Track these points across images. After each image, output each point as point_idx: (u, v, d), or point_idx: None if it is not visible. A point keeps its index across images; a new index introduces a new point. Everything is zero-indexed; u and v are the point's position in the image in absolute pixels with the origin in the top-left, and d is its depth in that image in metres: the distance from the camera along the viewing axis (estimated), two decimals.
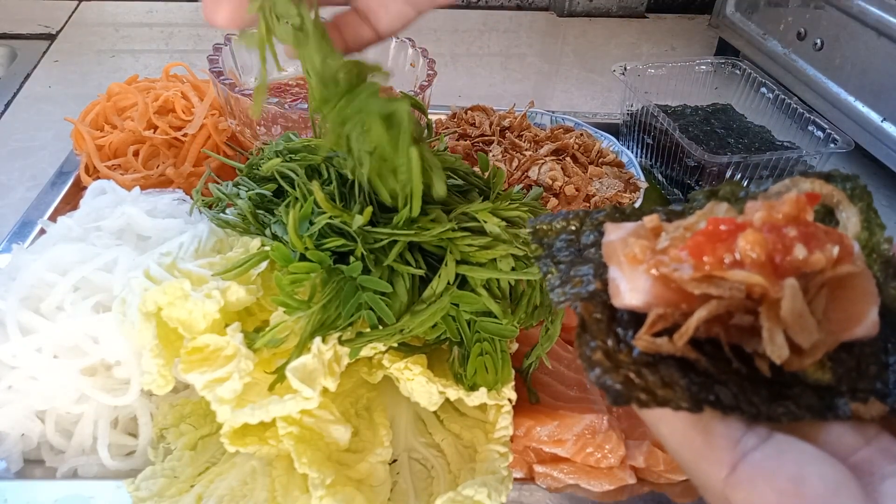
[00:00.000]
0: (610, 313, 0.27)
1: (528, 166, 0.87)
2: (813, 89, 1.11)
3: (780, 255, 0.24)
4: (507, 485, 0.49)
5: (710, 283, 0.24)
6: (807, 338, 0.24)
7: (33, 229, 0.79)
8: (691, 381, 0.25)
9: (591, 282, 0.28)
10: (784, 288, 0.24)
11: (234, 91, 0.75)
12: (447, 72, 1.34)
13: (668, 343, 0.25)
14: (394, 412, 0.57)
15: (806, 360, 0.25)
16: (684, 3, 1.71)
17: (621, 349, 0.26)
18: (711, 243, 0.25)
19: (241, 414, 0.46)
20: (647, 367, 0.25)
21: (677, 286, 0.25)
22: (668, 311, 0.25)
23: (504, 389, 0.53)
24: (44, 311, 0.55)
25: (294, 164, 0.57)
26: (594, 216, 0.31)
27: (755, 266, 0.24)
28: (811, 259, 0.24)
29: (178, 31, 1.44)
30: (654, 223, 0.28)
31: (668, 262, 0.25)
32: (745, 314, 0.25)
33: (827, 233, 0.25)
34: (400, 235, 0.49)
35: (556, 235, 0.31)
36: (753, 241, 0.24)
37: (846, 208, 0.29)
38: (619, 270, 0.27)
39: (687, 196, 0.32)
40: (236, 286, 0.51)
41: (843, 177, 0.30)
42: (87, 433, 0.55)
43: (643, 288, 0.25)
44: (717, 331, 0.25)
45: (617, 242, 0.27)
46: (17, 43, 1.33)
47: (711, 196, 0.31)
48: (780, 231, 0.24)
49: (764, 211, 0.25)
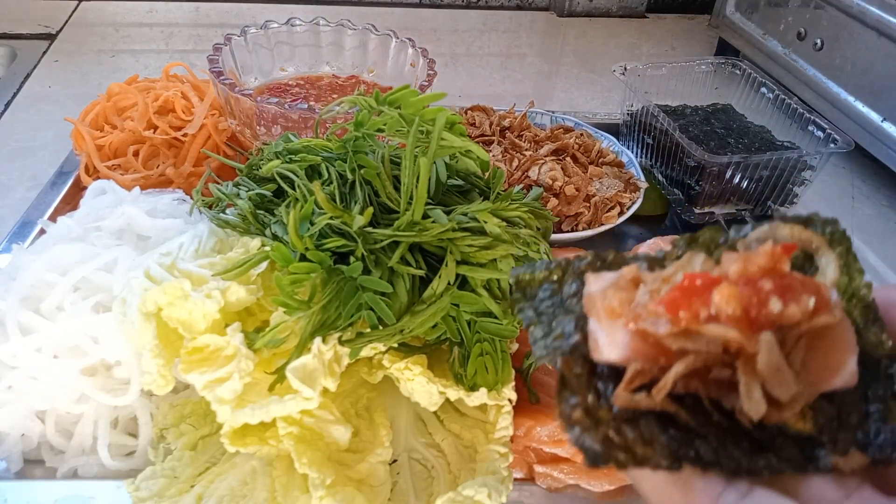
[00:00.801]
0: (590, 367, 0.27)
1: (528, 166, 0.87)
2: (813, 89, 1.11)
3: (756, 309, 0.24)
4: (508, 485, 0.49)
5: (686, 337, 0.24)
6: (785, 391, 0.24)
7: (33, 229, 0.78)
8: (671, 436, 0.25)
9: (573, 335, 0.28)
10: (760, 342, 0.24)
11: (234, 91, 0.75)
12: (447, 72, 1.34)
13: (647, 398, 0.25)
14: (394, 412, 0.57)
15: (785, 413, 0.25)
16: (684, 3, 1.71)
17: (601, 405, 0.26)
18: (687, 298, 0.25)
19: (241, 414, 0.46)
20: (627, 423, 0.25)
21: (655, 340, 0.25)
22: (646, 367, 0.25)
23: (504, 389, 0.53)
24: (44, 311, 0.55)
25: (294, 165, 0.57)
26: (576, 265, 0.31)
27: (731, 320, 0.24)
28: (787, 312, 0.24)
29: (178, 31, 1.44)
30: (633, 274, 0.28)
31: (645, 316, 0.25)
32: (723, 368, 0.25)
33: (803, 283, 0.25)
34: (401, 236, 0.49)
35: (539, 285, 0.31)
36: (728, 296, 0.24)
37: (825, 254, 0.29)
38: (599, 324, 0.27)
39: (671, 240, 0.32)
40: (236, 286, 0.51)
41: (822, 221, 0.30)
42: (87, 433, 0.55)
43: (621, 342, 0.25)
44: (696, 385, 0.25)
45: (597, 295, 0.27)
46: (17, 43, 1.33)
47: (692, 243, 0.31)
48: (756, 284, 0.24)
49: (739, 263, 0.25)
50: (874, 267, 0.90)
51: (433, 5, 1.66)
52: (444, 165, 0.56)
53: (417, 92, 0.53)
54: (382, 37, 0.94)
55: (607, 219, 0.85)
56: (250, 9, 1.55)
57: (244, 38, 0.89)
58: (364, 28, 0.94)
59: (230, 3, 1.57)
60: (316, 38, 0.95)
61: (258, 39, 0.90)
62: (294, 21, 0.93)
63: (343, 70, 0.97)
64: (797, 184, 0.91)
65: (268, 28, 0.91)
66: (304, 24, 0.93)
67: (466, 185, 0.59)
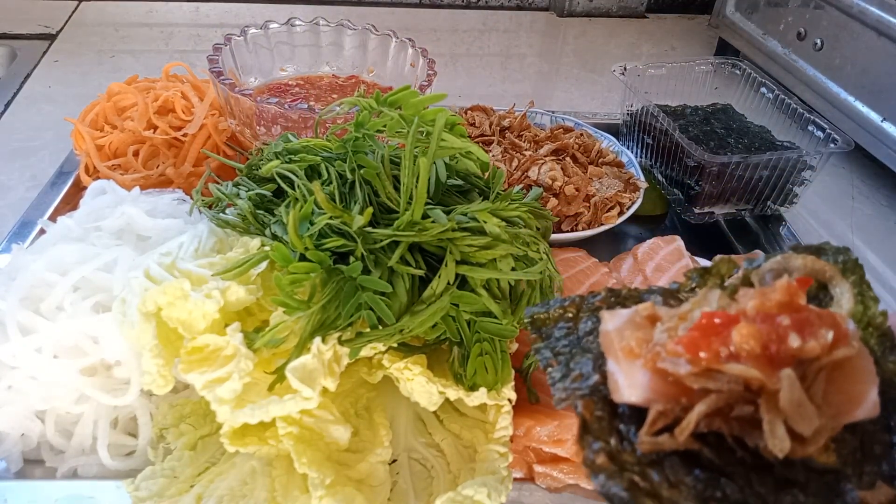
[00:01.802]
0: (611, 409, 0.27)
1: (527, 166, 0.87)
2: (813, 89, 1.11)
3: (775, 346, 0.24)
4: (507, 485, 0.49)
5: (707, 377, 0.24)
6: (808, 426, 0.24)
7: (33, 229, 0.78)
8: (696, 477, 0.25)
9: (591, 375, 0.28)
10: (781, 379, 0.24)
11: (234, 91, 0.75)
12: (447, 72, 1.34)
13: (671, 439, 0.25)
14: (394, 412, 0.57)
15: (809, 448, 0.25)
16: (684, 3, 1.71)
17: (625, 448, 0.26)
18: (706, 338, 0.25)
19: (241, 414, 0.46)
20: (651, 465, 0.25)
21: (676, 380, 0.25)
22: (668, 408, 0.25)
23: (504, 389, 0.53)
24: (44, 311, 0.55)
25: (294, 165, 0.57)
26: (590, 301, 0.31)
27: (751, 358, 0.24)
28: (806, 347, 0.24)
29: (178, 31, 1.44)
30: (648, 311, 0.28)
31: (664, 356, 0.25)
32: (745, 405, 0.25)
33: (820, 316, 0.25)
34: (401, 236, 0.49)
35: (554, 324, 0.31)
36: (747, 335, 0.24)
37: (839, 284, 0.29)
38: (617, 364, 0.26)
39: (685, 272, 0.31)
40: (236, 286, 0.51)
41: (834, 250, 0.30)
42: (87, 433, 0.55)
43: (641, 384, 0.25)
44: (719, 423, 0.25)
45: (613, 333, 0.27)
46: (17, 43, 1.33)
47: (705, 275, 0.30)
48: (774, 320, 0.25)
49: (756, 299, 0.25)
50: (874, 267, 0.90)
51: (433, 5, 1.66)
52: (443, 165, 0.56)
53: (418, 93, 0.53)
54: (382, 37, 0.94)
55: (607, 219, 0.85)
56: (250, 9, 1.55)
57: (244, 38, 0.89)
58: (364, 28, 0.94)
59: (230, 3, 1.57)
60: (316, 38, 0.95)
61: (258, 39, 0.90)
62: (294, 21, 0.93)
63: (343, 70, 0.97)
64: (797, 184, 0.91)
65: (268, 28, 0.91)
66: (304, 24, 0.93)
67: (466, 185, 0.59)
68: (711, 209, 0.92)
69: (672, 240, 0.80)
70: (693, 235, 0.93)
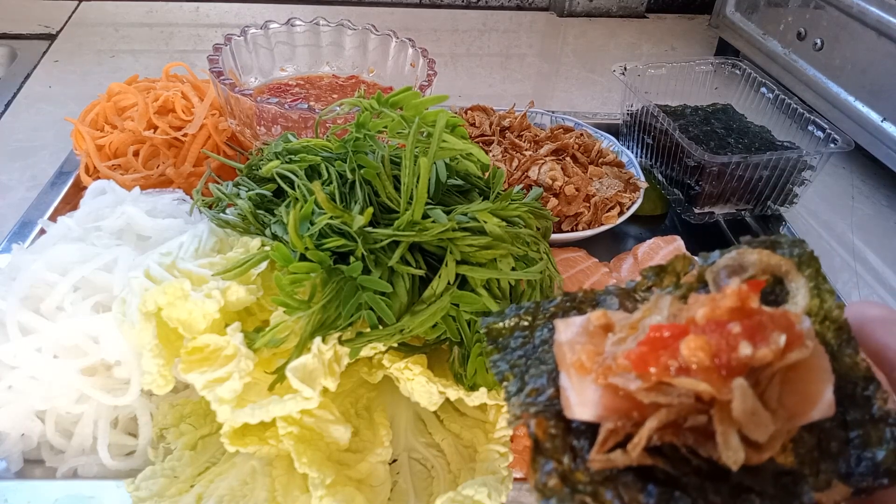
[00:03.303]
0: (565, 424, 0.26)
1: (528, 166, 0.87)
2: (813, 89, 1.11)
3: (726, 355, 0.23)
4: (507, 485, 0.49)
5: (658, 391, 0.24)
6: (762, 433, 0.24)
7: (33, 229, 0.79)
8: (650, 493, 0.25)
9: (546, 389, 0.27)
10: (734, 389, 0.23)
11: (234, 91, 0.75)
12: (447, 72, 1.34)
13: (623, 455, 0.24)
14: (394, 412, 0.57)
15: (765, 454, 0.24)
16: (684, 3, 1.71)
17: (578, 466, 0.25)
18: (654, 352, 0.24)
19: (241, 414, 0.46)
20: (604, 483, 0.25)
21: (627, 395, 0.24)
22: (618, 425, 0.25)
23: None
24: (44, 311, 0.55)
25: (294, 166, 0.57)
26: (545, 307, 0.30)
27: (701, 371, 0.23)
28: (758, 355, 0.23)
29: (178, 31, 1.44)
30: (601, 321, 0.27)
31: (615, 370, 0.25)
32: (699, 415, 0.24)
33: (773, 318, 0.24)
34: (401, 236, 0.49)
35: (510, 334, 0.29)
36: (695, 347, 0.23)
37: (794, 278, 0.28)
38: (569, 380, 0.26)
39: (641, 270, 0.31)
40: (236, 286, 0.51)
41: (790, 243, 0.29)
42: (87, 433, 0.55)
43: (592, 400, 0.25)
44: (671, 436, 0.25)
45: (566, 346, 0.27)
46: (17, 43, 1.33)
47: (661, 273, 0.30)
48: (724, 328, 0.24)
49: (707, 307, 0.25)
50: (874, 267, 0.90)
51: (433, 5, 1.66)
52: (444, 165, 0.56)
53: (419, 94, 0.53)
54: (382, 37, 0.94)
55: (607, 219, 0.85)
56: (250, 9, 1.55)
57: (244, 38, 0.89)
58: (364, 28, 0.94)
59: (230, 3, 1.57)
60: (316, 38, 0.95)
61: (258, 39, 0.90)
62: (294, 21, 0.93)
63: (343, 70, 0.97)
64: (797, 184, 0.91)
65: (268, 28, 0.91)
66: (304, 24, 0.93)
67: (466, 185, 0.59)
68: (711, 209, 0.92)
69: (672, 240, 0.80)
70: (693, 235, 0.93)
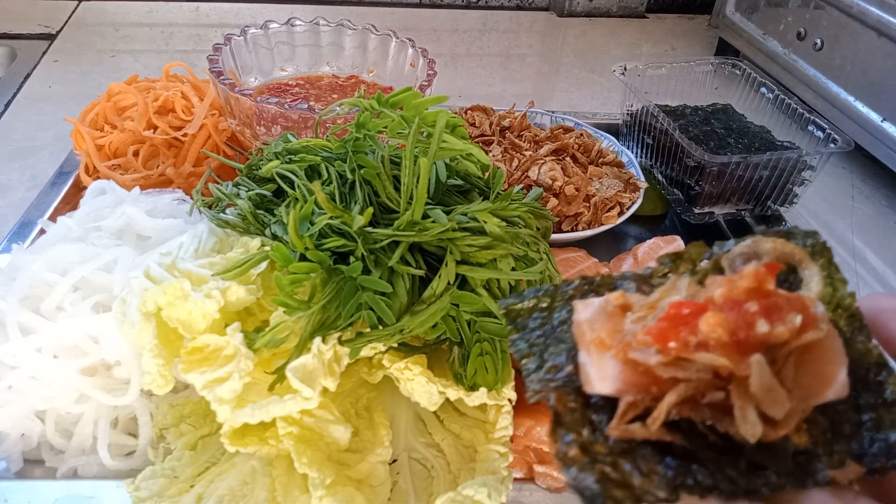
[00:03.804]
0: (584, 399, 0.27)
1: (528, 166, 0.87)
2: (813, 89, 1.11)
3: (744, 332, 0.24)
4: (507, 485, 0.49)
5: (677, 366, 0.25)
6: (779, 409, 0.24)
7: (33, 229, 0.78)
8: (668, 465, 0.25)
9: (565, 366, 0.28)
10: (751, 365, 0.24)
11: (234, 91, 0.75)
12: (447, 72, 1.34)
13: (642, 428, 0.25)
14: (394, 412, 0.57)
15: (780, 431, 0.25)
16: (684, 3, 1.71)
17: (597, 439, 0.26)
18: (675, 328, 0.25)
19: (241, 414, 0.46)
20: (623, 455, 0.25)
21: (646, 370, 0.25)
22: (638, 399, 0.25)
23: (504, 389, 0.53)
24: (44, 311, 0.55)
25: (294, 166, 0.57)
26: (564, 290, 0.30)
27: (719, 346, 0.24)
28: (774, 332, 0.24)
29: (178, 31, 1.44)
30: (620, 301, 0.28)
31: (634, 346, 0.25)
32: (716, 391, 0.25)
33: (789, 300, 0.25)
34: (401, 236, 0.49)
35: (529, 314, 0.30)
36: (715, 323, 0.24)
37: (808, 266, 0.29)
38: (588, 356, 0.26)
39: (657, 258, 0.31)
40: (236, 286, 0.51)
41: (803, 233, 0.30)
42: (87, 433, 0.55)
43: (612, 375, 0.25)
44: (689, 411, 0.25)
45: (585, 324, 0.27)
46: (17, 43, 1.33)
47: (677, 259, 0.31)
48: (742, 307, 0.25)
49: (724, 287, 0.25)
50: (874, 267, 0.90)
51: (433, 5, 1.66)
52: (444, 165, 0.56)
53: (419, 94, 0.53)
54: (382, 37, 0.94)
55: (607, 219, 0.85)
56: (250, 9, 1.55)
57: (244, 38, 0.89)
58: (364, 28, 0.94)
59: (230, 3, 1.57)
60: (316, 38, 0.95)
61: (258, 39, 0.90)
62: (294, 21, 0.93)
63: (343, 70, 0.97)
64: (797, 184, 0.91)
65: (268, 28, 0.91)
66: (304, 24, 0.93)
67: (466, 185, 0.59)
68: (711, 209, 0.92)
69: (672, 240, 0.80)
70: (693, 235, 0.93)
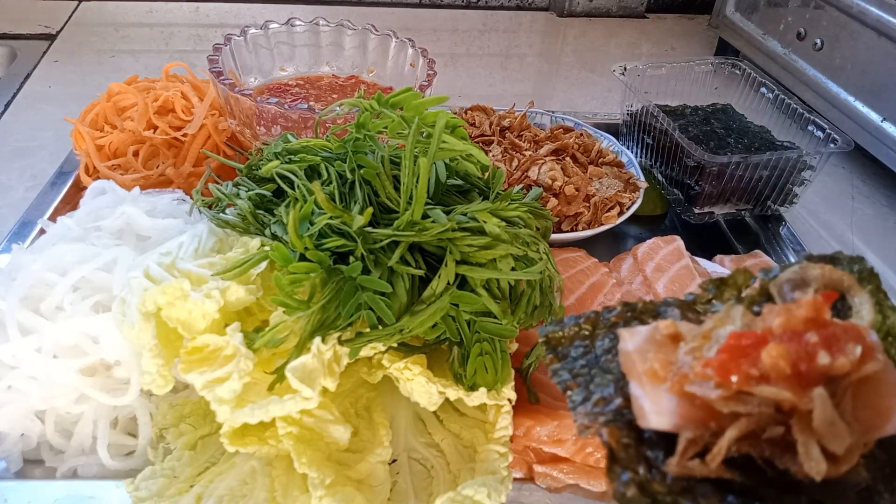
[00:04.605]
0: (637, 434, 0.26)
1: (527, 166, 0.87)
2: (813, 89, 1.11)
3: (805, 364, 0.24)
4: (507, 485, 0.49)
5: (737, 400, 0.24)
6: (840, 444, 0.24)
7: (33, 229, 0.78)
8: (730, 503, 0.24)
9: (614, 398, 0.27)
10: (814, 399, 0.23)
11: (234, 91, 0.75)
12: (447, 72, 1.34)
13: (701, 465, 0.24)
14: (393, 412, 0.57)
15: (842, 467, 0.24)
16: (684, 3, 1.71)
17: (654, 477, 0.25)
18: (736, 360, 0.24)
19: (241, 414, 0.46)
20: (683, 494, 0.24)
21: (703, 404, 0.24)
22: (698, 435, 0.24)
23: (504, 389, 0.53)
24: (44, 311, 0.55)
25: (293, 166, 0.57)
26: (605, 317, 0.30)
27: (781, 379, 0.23)
28: (836, 364, 0.24)
29: (178, 31, 1.44)
30: (670, 330, 0.27)
31: (692, 378, 0.24)
32: (776, 426, 0.24)
33: (846, 330, 0.24)
34: (401, 236, 0.49)
35: (570, 342, 0.30)
36: (777, 355, 0.23)
37: (858, 293, 0.28)
38: (641, 388, 0.26)
39: (700, 284, 0.31)
40: (236, 286, 0.51)
41: (848, 259, 0.29)
42: (87, 433, 0.55)
43: (669, 409, 0.25)
44: (748, 447, 0.25)
45: (634, 354, 0.26)
46: (17, 43, 1.33)
47: (721, 286, 0.30)
48: (802, 338, 0.24)
49: (782, 317, 0.25)
50: (874, 267, 0.90)
51: (433, 5, 1.66)
52: (443, 166, 0.56)
53: (419, 94, 0.53)
54: (382, 37, 0.94)
55: (607, 219, 0.85)
56: (250, 9, 1.55)
57: (244, 38, 0.89)
58: (364, 28, 0.94)
59: (230, 3, 1.57)
60: (316, 38, 0.95)
61: (258, 39, 0.90)
62: (294, 21, 0.93)
63: (343, 70, 0.97)
64: (797, 184, 0.91)
65: (268, 28, 0.91)
66: (304, 24, 0.93)
67: (466, 185, 0.59)
68: (711, 209, 0.92)
69: (672, 240, 0.80)
70: (693, 235, 0.93)
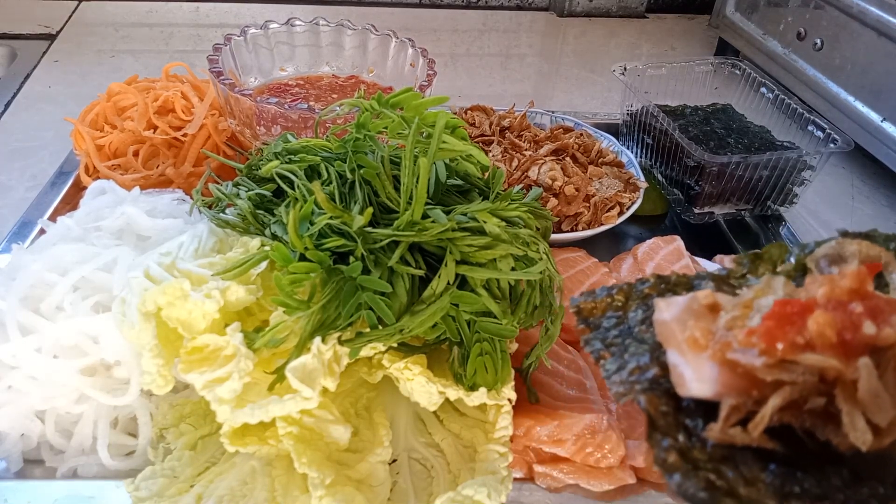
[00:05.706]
0: (675, 403, 0.26)
1: (527, 166, 0.87)
2: (813, 89, 1.11)
3: (850, 334, 0.23)
4: (507, 485, 0.49)
5: (781, 368, 0.24)
6: (884, 416, 0.23)
7: (33, 229, 0.79)
8: (772, 472, 0.24)
9: (650, 367, 0.27)
10: (860, 368, 0.23)
11: (234, 91, 0.75)
12: (447, 72, 1.34)
13: (743, 433, 0.24)
14: (393, 412, 0.57)
15: (885, 440, 0.24)
16: (684, 3, 1.71)
17: (694, 444, 0.25)
18: (782, 328, 0.24)
19: (241, 414, 0.46)
20: (724, 462, 0.24)
21: (745, 372, 0.24)
22: (741, 402, 0.24)
23: (504, 389, 0.53)
24: (44, 311, 0.55)
25: (293, 166, 0.57)
26: (638, 288, 0.30)
27: (827, 348, 0.23)
28: (882, 335, 0.23)
29: (178, 31, 1.44)
30: (709, 300, 0.26)
31: (735, 346, 0.24)
32: (819, 396, 0.24)
33: (889, 303, 0.24)
34: (401, 236, 0.49)
35: (602, 313, 0.30)
36: (824, 323, 0.23)
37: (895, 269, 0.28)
38: (681, 356, 0.25)
39: (734, 258, 0.30)
40: (236, 286, 0.51)
41: (884, 237, 0.29)
42: (87, 433, 0.55)
43: (710, 377, 0.24)
44: (790, 417, 0.24)
45: (673, 323, 0.26)
46: (17, 43, 1.33)
47: (756, 260, 0.29)
48: (847, 308, 0.24)
49: (827, 286, 0.24)
50: None
51: (433, 5, 1.66)
52: (443, 166, 0.56)
53: (419, 94, 0.53)
54: (382, 37, 0.94)
55: (607, 219, 0.85)
56: (250, 9, 1.55)
57: (244, 38, 0.89)
58: (364, 28, 0.94)
59: (230, 3, 1.57)
60: (316, 38, 0.95)
61: (258, 39, 0.90)
62: (294, 21, 0.93)
63: (343, 70, 0.97)
64: (797, 184, 0.91)
65: (268, 28, 0.91)
66: (304, 24, 0.93)
67: (466, 185, 0.59)
68: (711, 209, 0.92)
69: (672, 240, 0.80)
70: (693, 235, 0.93)
